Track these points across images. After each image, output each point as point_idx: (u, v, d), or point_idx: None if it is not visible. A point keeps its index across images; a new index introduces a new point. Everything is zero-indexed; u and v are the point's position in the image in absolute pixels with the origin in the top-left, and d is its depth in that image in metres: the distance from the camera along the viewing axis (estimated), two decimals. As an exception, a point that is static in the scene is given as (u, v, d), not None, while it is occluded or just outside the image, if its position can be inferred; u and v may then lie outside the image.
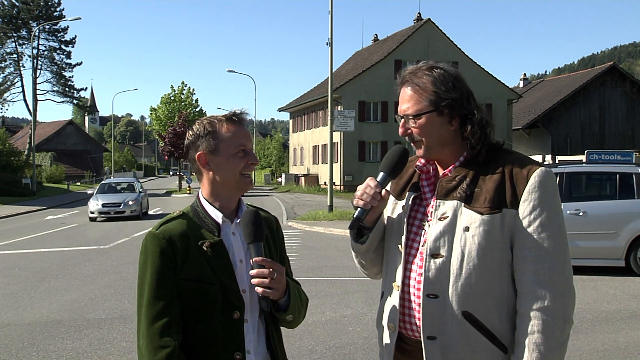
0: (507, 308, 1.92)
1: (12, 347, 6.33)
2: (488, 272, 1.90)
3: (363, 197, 1.98)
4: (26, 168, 45.12)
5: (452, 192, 1.96)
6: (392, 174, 2.05)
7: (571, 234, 9.82)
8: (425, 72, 2.00)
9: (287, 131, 65.54)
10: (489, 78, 42.62)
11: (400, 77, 2.07)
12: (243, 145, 1.99)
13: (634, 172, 10.16)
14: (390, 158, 2.04)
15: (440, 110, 1.97)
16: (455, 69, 2.03)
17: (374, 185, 1.99)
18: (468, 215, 1.91)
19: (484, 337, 1.90)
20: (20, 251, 14.40)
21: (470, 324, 1.89)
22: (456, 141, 2.01)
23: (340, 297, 8.48)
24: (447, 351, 1.91)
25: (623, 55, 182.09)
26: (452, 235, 1.92)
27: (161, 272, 1.90)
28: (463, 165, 2.00)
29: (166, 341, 1.85)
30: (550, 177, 1.94)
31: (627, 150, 14.07)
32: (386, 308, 2.08)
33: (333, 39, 22.20)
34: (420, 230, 2.02)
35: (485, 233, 1.89)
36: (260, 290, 1.89)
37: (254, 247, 1.91)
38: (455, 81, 1.98)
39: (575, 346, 6.06)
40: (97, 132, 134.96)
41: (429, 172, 2.07)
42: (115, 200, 23.04)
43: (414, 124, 1.99)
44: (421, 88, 1.98)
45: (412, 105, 1.99)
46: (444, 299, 1.90)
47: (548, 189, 1.92)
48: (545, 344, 1.84)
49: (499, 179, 1.93)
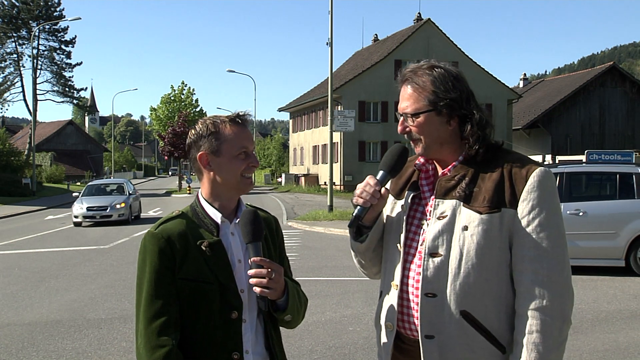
0: (505, 308, 1.92)
1: (12, 347, 6.33)
2: (486, 272, 1.90)
3: (362, 195, 1.98)
4: (26, 168, 45.13)
5: (451, 191, 1.96)
6: (391, 173, 2.04)
7: (571, 234, 9.87)
8: (426, 71, 2.00)
9: (287, 131, 65.53)
10: (489, 78, 42.62)
11: (401, 75, 2.07)
12: (245, 148, 1.98)
13: (634, 172, 10.16)
14: (390, 157, 2.04)
15: (439, 110, 1.97)
16: (456, 68, 2.04)
17: (374, 184, 1.99)
18: (467, 214, 1.91)
19: (482, 337, 1.90)
20: (20, 251, 14.40)
21: (468, 323, 1.89)
22: (455, 141, 2.01)
23: (340, 297, 8.48)
24: (444, 350, 1.90)
25: (623, 55, 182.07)
26: (451, 234, 1.92)
27: (160, 272, 1.90)
28: (462, 164, 2.00)
29: (164, 340, 1.85)
30: (549, 177, 1.93)
31: (627, 150, 14.08)
32: (384, 307, 2.08)
33: (333, 39, 22.22)
34: (419, 230, 2.02)
35: (484, 232, 1.89)
36: (258, 290, 1.88)
37: (252, 246, 1.91)
38: (455, 81, 1.98)
39: (575, 346, 6.06)
40: (97, 132, 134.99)
41: (428, 172, 2.07)
42: (102, 204, 21.24)
43: (412, 123, 2.00)
44: (420, 87, 1.99)
45: (411, 103, 2.00)
46: (442, 298, 1.90)
47: (547, 188, 1.91)
48: (544, 344, 1.84)
49: (498, 179, 1.93)
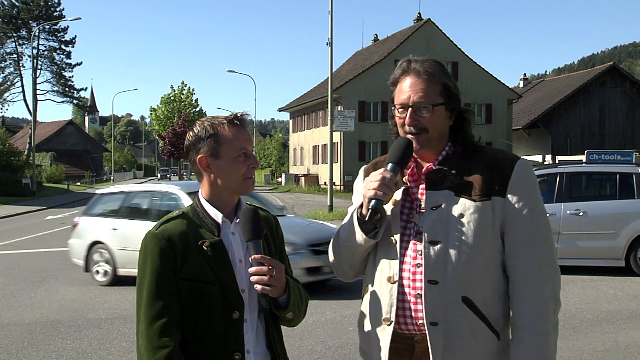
0: (498, 294, 1.98)
1: (12, 347, 6.33)
2: (483, 258, 1.95)
3: (381, 187, 1.93)
4: (26, 168, 45.10)
5: (441, 183, 2.00)
6: (401, 164, 2.02)
7: (571, 234, 9.89)
8: (434, 65, 2.05)
9: (287, 131, 65.53)
10: (489, 78, 42.61)
11: (404, 66, 2.08)
12: (244, 149, 1.97)
13: (634, 172, 10.16)
14: (398, 148, 2.02)
15: (448, 104, 2.03)
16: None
17: (390, 176, 1.95)
18: (462, 203, 1.97)
19: (482, 322, 1.94)
20: (20, 251, 14.40)
21: (469, 309, 1.93)
22: (447, 135, 2.08)
23: (340, 297, 8.49)
24: (449, 337, 1.93)
25: (623, 55, 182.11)
26: (448, 222, 1.96)
27: (160, 272, 1.89)
28: (447, 158, 2.05)
29: (165, 341, 1.84)
30: (531, 166, 2.06)
31: (627, 150, 14.11)
32: (378, 303, 2.04)
33: (333, 39, 22.22)
34: (409, 225, 2.04)
35: (480, 219, 1.95)
36: (259, 288, 1.88)
37: (252, 244, 1.91)
38: (454, 79, 2.07)
39: (575, 346, 6.06)
40: (97, 132, 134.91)
41: (411, 166, 2.09)
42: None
43: (426, 114, 2.01)
44: (434, 80, 2.02)
45: (427, 95, 2.01)
46: (445, 285, 1.93)
47: (531, 176, 2.03)
48: (543, 327, 1.90)
49: (484, 170, 2.00)
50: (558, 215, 9.91)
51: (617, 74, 43.03)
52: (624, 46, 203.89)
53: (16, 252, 14.18)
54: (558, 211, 9.95)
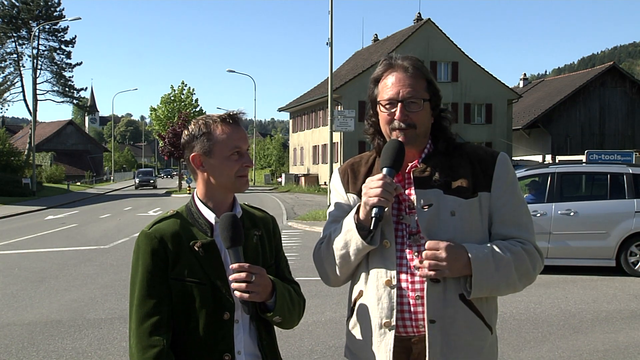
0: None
1: (12, 347, 6.32)
2: None
3: (384, 194, 1.91)
4: (26, 168, 45.09)
5: (428, 181, 2.01)
6: (396, 167, 2.00)
7: (562, 234, 9.89)
8: (418, 61, 2.06)
9: (287, 131, 65.54)
10: (489, 78, 42.62)
11: (389, 62, 2.06)
12: (238, 148, 1.96)
13: (624, 172, 10.16)
14: (392, 151, 1.98)
15: (433, 100, 2.05)
16: None
17: (389, 181, 1.94)
18: (452, 201, 1.98)
19: (477, 318, 1.97)
20: (20, 251, 14.39)
21: (466, 306, 1.95)
22: (428, 133, 2.09)
23: (340, 297, 8.47)
24: (447, 333, 1.94)
25: (623, 55, 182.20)
26: (441, 221, 1.97)
27: (152, 272, 1.90)
28: (429, 156, 2.06)
29: (155, 340, 1.85)
30: (509, 159, 2.12)
31: (627, 150, 14.11)
32: (376, 309, 2.01)
33: (333, 39, 22.19)
34: (399, 226, 2.03)
35: (471, 216, 1.98)
36: (238, 295, 1.87)
37: (232, 252, 1.88)
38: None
39: (575, 346, 6.06)
40: (97, 132, 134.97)
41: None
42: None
43: (417, 109, 2.00)
44: (420, 76, 2.03)
45: (416, 90, 2.01)
46: (444, 283, 1.95)
47: (511, 169, 2.09)
48: (506, 254, 1.95)
49: (467, 166, 2.03)
50: (549, 215, 9.92)
51: (617, 74, 43.05)
52: (624, 46, 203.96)
53: (16, 252, 14.17)
54: (549, 211, 9.96)
